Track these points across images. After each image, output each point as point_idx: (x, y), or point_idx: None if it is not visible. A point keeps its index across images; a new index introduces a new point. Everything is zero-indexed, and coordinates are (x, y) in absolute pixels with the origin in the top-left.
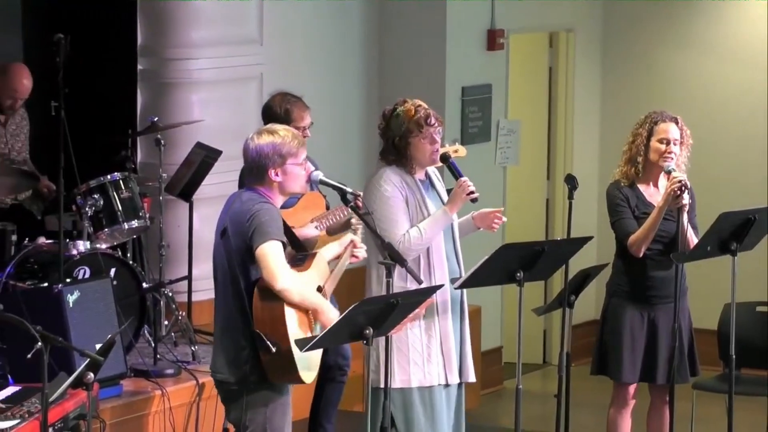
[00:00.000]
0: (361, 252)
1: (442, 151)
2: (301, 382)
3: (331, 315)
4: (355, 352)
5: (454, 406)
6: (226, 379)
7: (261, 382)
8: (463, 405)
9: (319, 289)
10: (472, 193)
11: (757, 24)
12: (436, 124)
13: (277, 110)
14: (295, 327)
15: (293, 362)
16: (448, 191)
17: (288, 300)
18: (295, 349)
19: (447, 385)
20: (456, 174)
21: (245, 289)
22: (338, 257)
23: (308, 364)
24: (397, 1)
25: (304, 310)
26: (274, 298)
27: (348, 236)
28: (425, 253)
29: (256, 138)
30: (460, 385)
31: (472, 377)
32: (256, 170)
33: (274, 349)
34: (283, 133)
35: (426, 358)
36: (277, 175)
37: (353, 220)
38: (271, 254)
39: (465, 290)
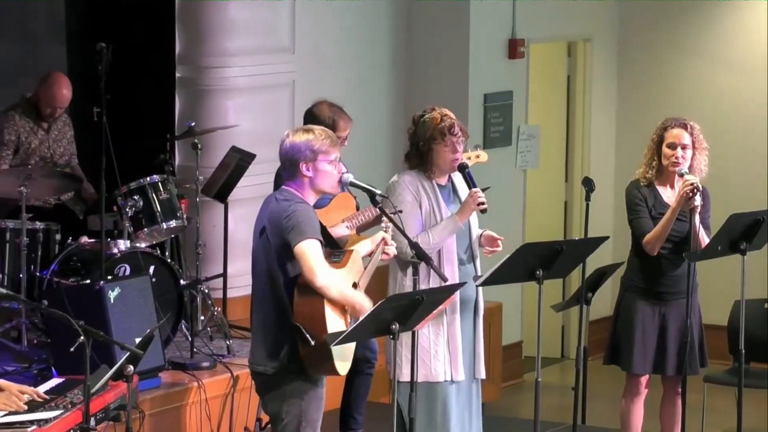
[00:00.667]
0: (392, 249)
1: (464, 156)
2: (337, 373)
3: (369, 310)
4: (380, 348)
5: (465, 402)
6: (264, 371)
7: (298, 374)
8: (476, 400)
9: (354, 286)
10: (482, 203)
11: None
12: (460, 134)
13: (325, 119)
14: (333, 321)
15: (330, 354)
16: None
17: (327, 296)
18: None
19: (455, 382)
20: (470, 184)
21: (284, 284)
22: (370, 254)
23: (343, 356)
24: (423, 12)
25: (340, 305)
26: (314, 294)
27: (379, 234)
28: (436, 255)
29: (292, 135)
30: (475, 381)
31: (482, 374)
32: (289, 165)
33: (313, 342)
34: (317, 131)
35: (433, 355)
36: (308, 169)
37: (383, 220)
38: (310, 252)
39: (480, 290)
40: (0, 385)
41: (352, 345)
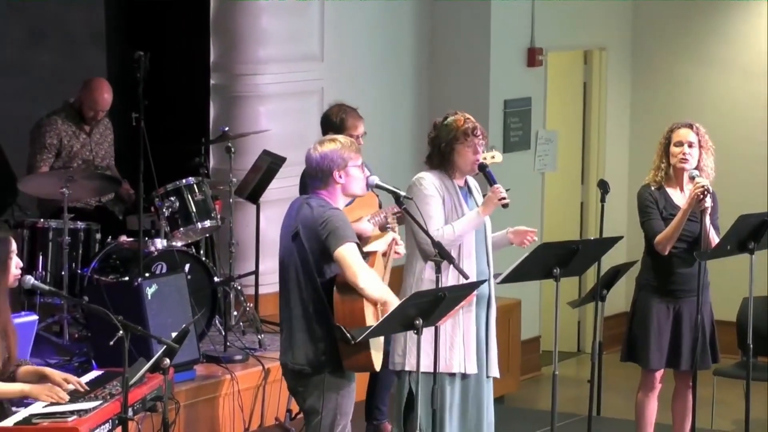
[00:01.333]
0: (402, 248)
1: (482, 160)
2: (374, 368)
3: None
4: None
5: (477, 397)
6: (303, 369)
7: (335, 371)
8: (488, 397)
9: None
10: (503, 198)
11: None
12: (481, 137)
13: (334, 119)
14: (370, 319)
15: (369, 350)
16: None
17: (368, 296)
18: (372, 342)
19: (468, 375)
20: (491, 181)
21: (322, 286)
22: (384, 254)
23: (378, 351)
24: (446, 22)
25: (374, 302)
26: (354, 294)
27: (390, 234)
28: (455, 252)
29: (319, 147)
30: (488, 378)
31: (495, 372)
32: (321, 174)
33: (353, 341)
34: (342, 140)
35: (449, 346)
36: (341, 176)
37: (389, 219)
38: (350, 256)
39: (494, 287)
40: (46, 373)
41: (381, 340)
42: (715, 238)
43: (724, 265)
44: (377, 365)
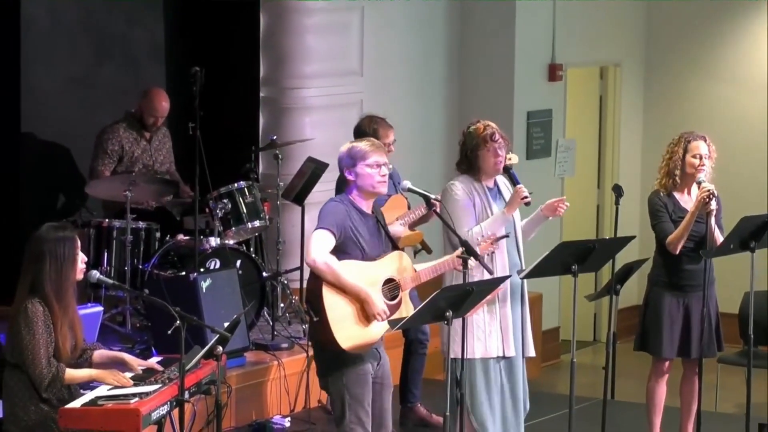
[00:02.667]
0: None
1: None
2: (338, 345)
3: (370, 299)
4: (434, 331)
5: (514, 376)
6: (314, 354)
7: (335, 353)
8: (523, 375)
9: (391, 280)
10: (526, 198)
11: None
12: (501, 141)
13: (366, 129)
14: (332, 300)
15: (329, 329)
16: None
17: (321, 276)
18: (331, 319)
19: (505, 358)
20: (514, 181)
21: None
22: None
23: (349, 337)
24: (474, 40)
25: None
26: (317, 276)
27: (452, 257)
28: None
29: (341, 149)
30: (523, 359)
31: (531, 352)
32: (340, 175)
33: (315, 318)
34: (357, 142)
35: (487, 334)
36: (350, 174)
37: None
38: (315, 237)
39: (526, 280)
40: (124, 358)
41: (367, 325)
42: (719, 238)
43: (728, 262)
44: (343, 342)
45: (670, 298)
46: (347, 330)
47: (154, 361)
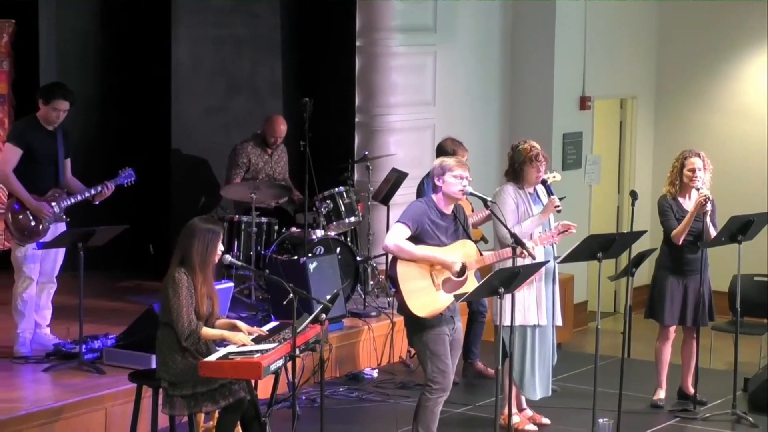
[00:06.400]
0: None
1: (548, 175)
2: (413, 313)
3: (440, 260)
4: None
5: (546, 340)
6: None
7: (416, 320)
8: (553, 339)
9: (463, 266)
10: (557, 206)
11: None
12: (542, 161)
13: (448, 149)
14: (406, 273)
15: (403, 298)
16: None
17: (394, 256)
18: (405, 291)
19: (539, 326)
20: (549, 193)
21: None
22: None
23: (422, 302)
24: (522, 75)
25: (426, 265)
26: (394, 258)
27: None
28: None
29: (434, 162)
30: (553, 327)
31: (559, 322)
32: (420, 182)
33: (393, 290)
34: (450, 158)
35: (526, 307)
36: (439, 180)
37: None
38: (392, 228)
39: (557, 265)
40: (237, 325)
41: (436, 295)
42: (713, 233)
43: (720, 252)
44: (417, 311)
45: (673, 279)
46: (418, 299)
47: (267, 328)
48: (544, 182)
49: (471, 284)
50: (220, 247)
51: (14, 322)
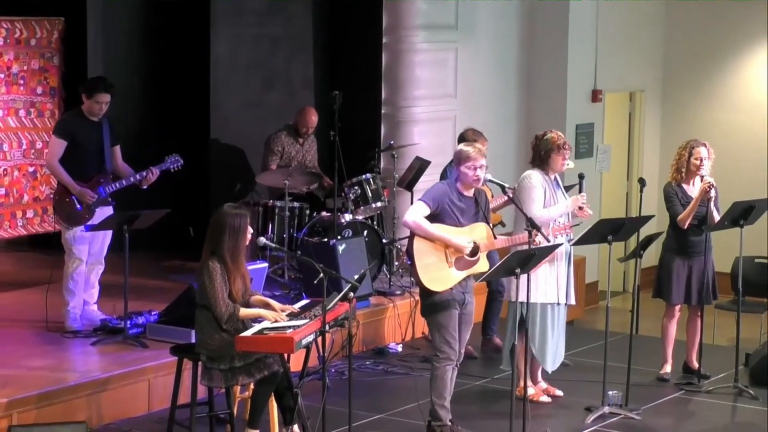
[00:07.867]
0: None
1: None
2: (428, 288)
3: (452, 241)
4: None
5: (560, 317)
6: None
7: (429, 294)
8: (565, 317)
9: (476, 245)
10: (581, 207)
11: None
12: (567, 149)
13: (469, 139)
14: (421, 250)
15: (417, 274)
16: (566, 188)
17: (413, 231)
18: (419, 266)
19: (558, 304)
20: (581, 189)
21: None
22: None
23: (435, 277)
24: (538, 70)
25: (441, 245)
26: (412, 234)
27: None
28: (548, 226)
29: (456, 149)
30: (566, 305)
31: (572, 300)
32: (446, 166)
33: (409, 262)
34: (469, 147)
35: (547, 286)
36: (458, 169)
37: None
38: (413, 205)
39: (572, 247)
40: (270, 303)
41: (448, 272)
42: (716, 217)
43: (723, 235)
44: (431, 286)
45: (678, 260)
46: (431, 274)
47: (299, 305)
48: (580, 177)
49: (482, 264)
50: (250, 230)
51: (64, 300)
